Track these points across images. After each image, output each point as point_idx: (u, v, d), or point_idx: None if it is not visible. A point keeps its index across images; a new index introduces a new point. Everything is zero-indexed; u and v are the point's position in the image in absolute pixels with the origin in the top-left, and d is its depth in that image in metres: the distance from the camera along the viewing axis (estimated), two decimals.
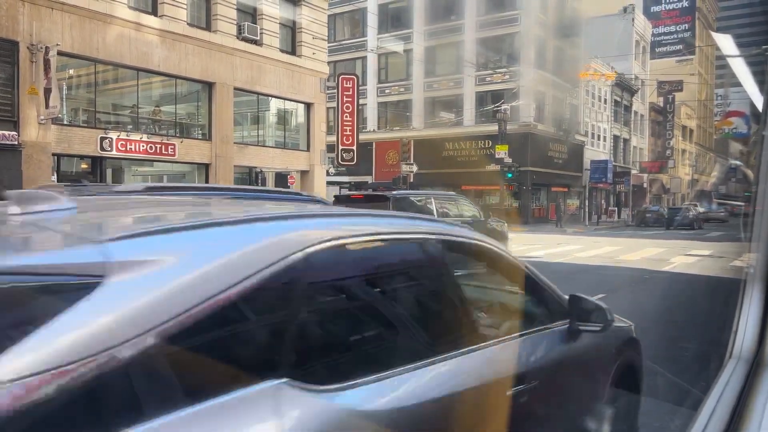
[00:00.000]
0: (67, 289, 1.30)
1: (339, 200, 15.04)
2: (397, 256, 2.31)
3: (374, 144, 41.43)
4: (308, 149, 23.35)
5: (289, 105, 23.17)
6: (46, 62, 14.39)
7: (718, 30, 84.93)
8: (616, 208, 49.46)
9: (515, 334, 2.53)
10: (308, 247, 1.72)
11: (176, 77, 18.54)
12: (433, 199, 12.33)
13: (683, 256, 18.60)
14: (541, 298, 2.95)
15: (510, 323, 2.74)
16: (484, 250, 2.67)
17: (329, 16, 26.30)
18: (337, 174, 36.84)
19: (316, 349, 1.81)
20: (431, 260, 2.41)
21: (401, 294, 2.31)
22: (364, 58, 43.23)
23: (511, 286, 3.05)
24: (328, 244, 1.82)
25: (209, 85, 19.36)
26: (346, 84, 26.19)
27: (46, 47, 14.38)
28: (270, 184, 26.23)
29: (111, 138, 16.40)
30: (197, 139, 19.42)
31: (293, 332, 1.67)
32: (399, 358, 1.99)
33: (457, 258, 2.61)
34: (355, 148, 26.47)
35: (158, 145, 17.64)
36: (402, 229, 2.32)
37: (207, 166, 19.38)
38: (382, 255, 2.22)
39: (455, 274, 2.50)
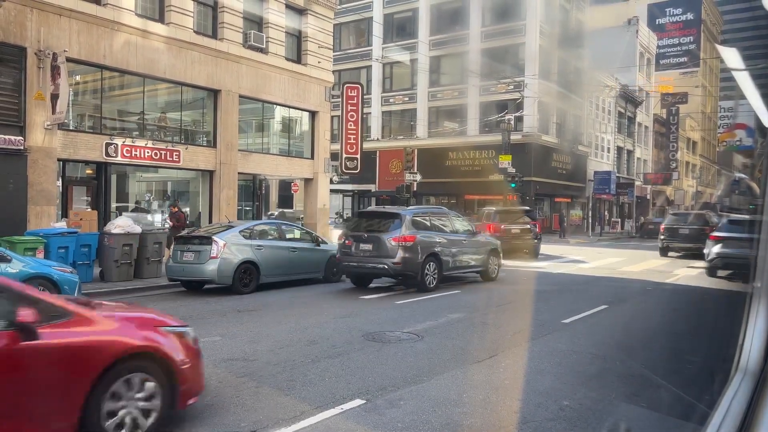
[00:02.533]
0: None
1: None
2: None
3: (378, 152, 41.50)
4: (312, 157, 23.39)
5: (293, 113, 23.25)
6: (54, 68, 14.47)
7: (723, 43, 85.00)
8: (619, 220, 49.32)
9: None
10: None
11: (182, 84, 18.62)
12: None
13: (686, 268, 18.50)
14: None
15: None
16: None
17: (335, 25, 26.43)
18: (341, 182, 36.87)
19: None
20: None
21: None
22: (369, 68, 43.40)
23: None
24: None
25: (215, 93, 19.44)
26: (351, 93, 26.26)
27: (54, 53, 14.47)
28: (273, 192, 26.25)
29: (116, 144, 16.45)
30: (202, 145, 19.48)
31: None
32: None
33: None
34: (359, 156, 26.50)
35: (163, 152, 17.69)
36: None
37: (211, 173, 19.42)
38: None
39: None
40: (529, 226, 21.36)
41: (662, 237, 22.51)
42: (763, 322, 1.82)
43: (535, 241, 21.22)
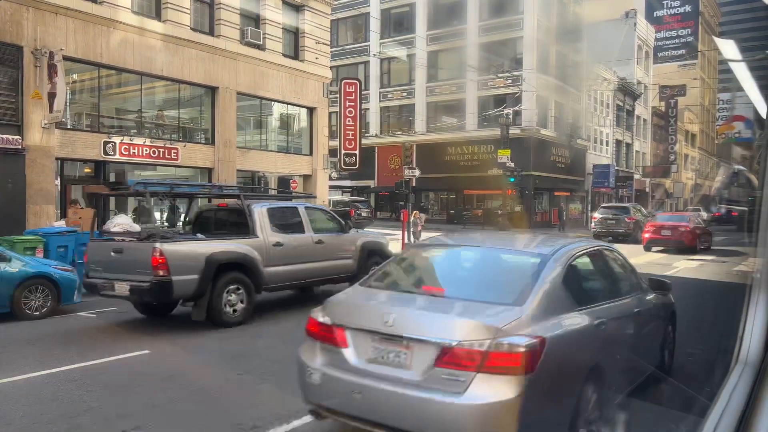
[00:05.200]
0: None
1: None
2: None
3: (377, 148, 41.44)
4: (311, 153, 23.37)
5: (291, 109, 23.20)
6: (51, 67, 14.43)
7: (721, 34, 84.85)
8: None
9: None
10: None
11: (179, 82, 18.58)
12: None
13: (686, 261, 18.54)
14: None
15: None
16: None
17: (332, 20, 26.36)
18: (340, 178, 36.86)
19: None
20: None
21: None
22: (366, 63, 43.30)
23: None
24: None
25: (212, 90, 19.40)
26: (349, 88, 26.23)
27: (50, 52, 14.43)
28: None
29: (114, 142, 16.43)
30: (200, 143, 19.46)
31: None
32: None
33: None
34: (357, 152, 26.48)
35: (161, 150, 17.67)
36: None
37: (210, 170, 19.41)
38: None
39: None
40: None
41: None
42: (762, 314, 1.82)
43: None
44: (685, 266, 17.13)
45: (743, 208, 38.84)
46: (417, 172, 25.11)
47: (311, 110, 23.20)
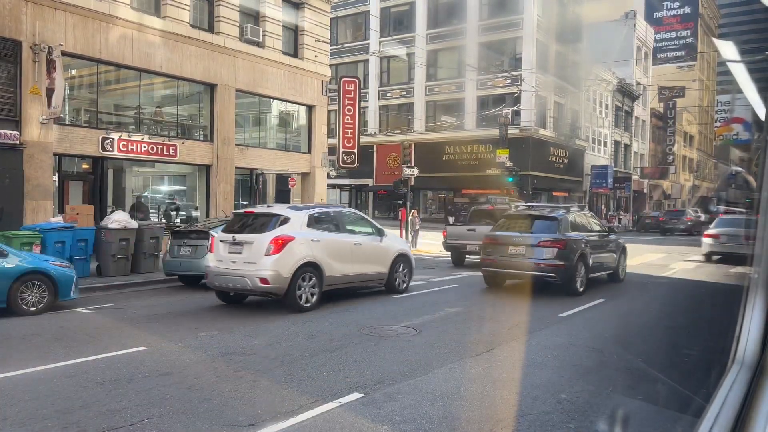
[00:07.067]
0: None
1: None
2: None
3: (375, 147, 41.44)
4: (309, 151, 23.35)
5: (290, 107, 23.16)
6: (49, 62, 14.39)
7: (720, 36, 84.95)
8: (616, 214, 49.41)
9: None
10: None
11: (178, 78, 18.54)
12: None
13: (683, 262, 18.57)
14: None
15: None
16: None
17: (332, 18, 26.32)
18: (338, 177, 36.85)
19: None
20: None
21: None
22: (366, 61, 43.27)
23: None
24: None
25: (211, 87, 19.37)
26: (348, 87, 26.19)
27: (49, 47, 14.38)
28: (271, 186, 26.24)
29: (113, 138, 16.39)
30: (198, 140, 19.42)
31: None
32: None
33: None
34: (356, 150, 26.45)
35: (159, 146, 17.63)
36: None
37: (208, 167, 19.37)
38: None
39: None
40: None
41: None
42: (759, 313, 1.82)
43: None
44: (682, 267, 17.16)
45: (742, 210, 38.87)
46: (415, 171, 25.16)
47: (310, 108, 23.18)
